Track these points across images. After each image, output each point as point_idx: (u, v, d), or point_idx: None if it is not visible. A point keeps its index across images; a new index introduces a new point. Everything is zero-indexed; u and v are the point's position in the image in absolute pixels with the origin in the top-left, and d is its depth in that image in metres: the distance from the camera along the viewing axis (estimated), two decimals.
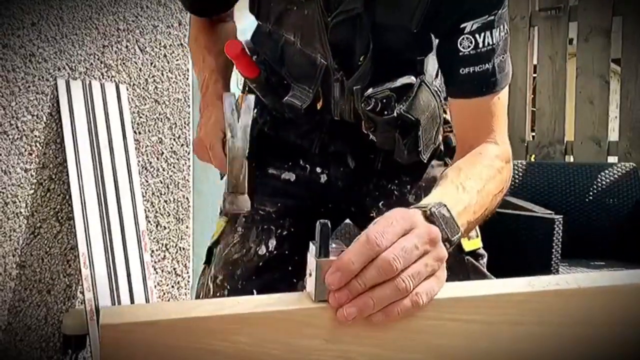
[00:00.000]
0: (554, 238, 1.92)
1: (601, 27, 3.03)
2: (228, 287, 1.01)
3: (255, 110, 1.08)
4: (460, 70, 0.87)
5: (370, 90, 0.91)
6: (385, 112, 0.91)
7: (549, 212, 2.04)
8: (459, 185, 0.75)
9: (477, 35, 0.85)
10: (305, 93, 0.96)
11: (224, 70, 1.01)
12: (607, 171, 2.56)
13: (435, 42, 0.91)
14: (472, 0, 0.85)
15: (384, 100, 0.91)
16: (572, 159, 3.13)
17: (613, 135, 3.16)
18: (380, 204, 1.04)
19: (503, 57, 0.88)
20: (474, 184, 0.77)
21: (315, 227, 0.57)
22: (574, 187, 2.53)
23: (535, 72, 3.34)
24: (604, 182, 2.53)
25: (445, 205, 0.65)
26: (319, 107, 0.98)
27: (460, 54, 0.86)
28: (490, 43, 0.85)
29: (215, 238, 1.09)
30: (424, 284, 0.57)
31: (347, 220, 1.18)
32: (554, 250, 1.92)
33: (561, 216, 1.95)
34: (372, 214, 1.04)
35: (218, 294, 1.01)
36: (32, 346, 1.89)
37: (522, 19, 3.21)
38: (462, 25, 0.85)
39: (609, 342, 0.63)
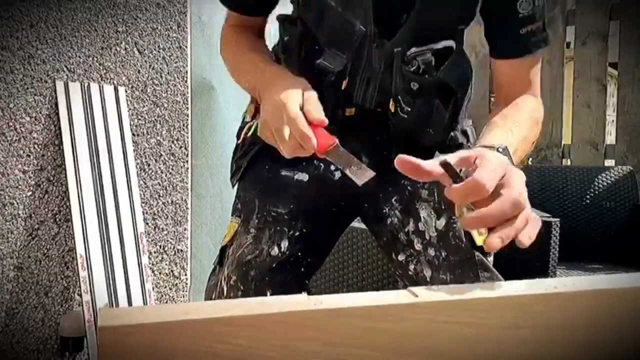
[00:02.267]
0: (551, 241, 1.92)
1: (598, 31, 3.04)
2: (242, 288, 1.01)
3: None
4: (521, 31, 0.93)
5: (413, 50, 0.93)
6: (426, 75, 0.94)
7: (546, 215, 2.04)
8: (508, 130, 0.85)
9: None
10: (339, 58, 0.96)
11: (275, 63, 1.00)
12: (604, 174, 2.56)
13: (478, 8, 0.95)
14: None
15: (424, 65, 0.93)
16: (569, 162, 3.14)
17: (610, 139, 3.17)
18: (393, 199, 1.05)
19: (553, 12, 0.94)
20: (520, 131, 0.86)
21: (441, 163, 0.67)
22: (571, 191, 2.54)
23: None
24: (601, 186, 2.53)
25: (508, 149, 0.77)
26: (343, 86, 0.97)
27: (520, 15, 0.92)
28: (543, 0, 0.92)
29: (228, 238, 1.08)
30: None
31: (357, 224, 1.18)
32: (551, 253, 1.92)
33: (558, 219, 1.95)
34: (384, 210, 1.05)
35: (232, 295, 1.01)
36: (29, 348, 1.89)
37: None
38: None
39: (609, 345, 0.63)
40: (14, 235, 1.84)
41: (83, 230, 1.87)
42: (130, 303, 1.92)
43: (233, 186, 1.14)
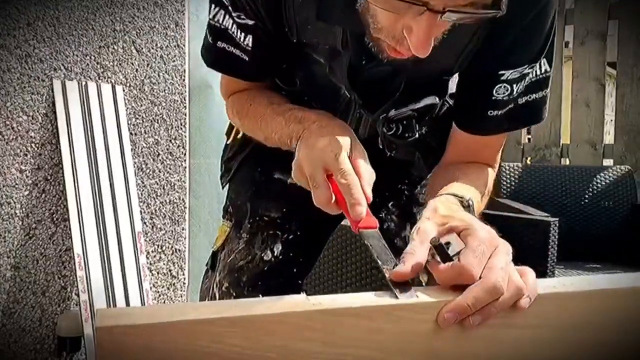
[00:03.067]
0: (550, 241, 1.92)
1: (597, 30, 3.04)
2: (234, 294, 1.00)
3: None
4: (489, 112, 0.86)
5: (392, 112, 0.90)
6: (407, 135, 0.92)
7: (545, 214, 2.04)
8: (469, 188, 0.81)
9: (513, 85, 0.84)
10: None
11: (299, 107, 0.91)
12: (602, 174, 2.57)
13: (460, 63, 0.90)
14: (519, 52, 0.83)
15: (405, 122, 0.91)
16: (568, 162, 3.14)
17: (608, 139, 3.17)
18: (390, 204, 1.03)
19: (530, 98, 0.87)
20: (476, 195, 0.83)
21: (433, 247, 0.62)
22: (569, 190, 2.54)
23: None
24: (599, 185, 2.54)
25: (474, 204, 0.75)
26: None
27: (493, 98, 0.85)
28: (522, 89, 0.85)
29: (219, 243, 1.07)
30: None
31: (344, 222, 1.17)
32: (549, 253, 1.92)
33: (557, 219, 1.95)
34: (381, 215, 1.02)
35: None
36: (27, 348, 1.88)
37: None
38: (500, 72, 0.83)
39: (607, 345, 0.63)
40: (11, 235, 1.83)
41: (80, 230, 1.87)
42: (127, 303, 1.92)
43: (223, 187, 1.12)
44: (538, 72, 0.86)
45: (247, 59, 0.89)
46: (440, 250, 0.62)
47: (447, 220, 0.66)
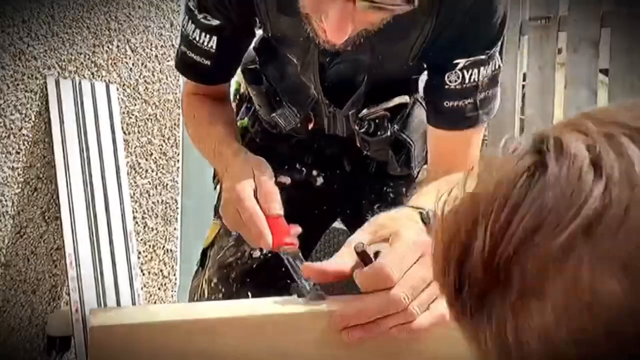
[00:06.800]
0: None
1: (590, 37, 3.06)
2: (223, 290, 1.01)
3: (247, 120, 1.09)
4: (445, 103, 0.87)
5: (364, 112, 0.93)
6: (379, 133, 0.94)
7: None
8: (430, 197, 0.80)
9: (464, 72, 0.84)
10: (292, 115, 0.97)
11: (233, 134, 0.95)
12: None
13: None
14: (469, 40, 0.84)
15: (377, 121, 0.93)
16: None
17: None
18: (375, 206, 1.05)
19: (488, 93, 0.88)
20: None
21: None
22: None
23: (524, 80, 3.37)
24: None
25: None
26: (310, 127, 0.98)
27: (446, 87, 0.86)
28: (475, 80, 0.85)
29: (209, 240, 1.09)
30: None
31: (337, 224, 1.18)
32: None
33: None
34: (367, 217, 1.05)
35: (213, 297, 1.01)
36: (16, 347, 1.87)
37: (512, 27, 3.23)
38: (455, 61, 0.84)
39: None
40: (2, 233, 1.82)
41: (72, 229, 1.86)
42: (118, 303, 1.91)
43: (215, 187, 1.14)
44: (494, 68, 0.86)
45: (208, 63, 0.92)
46: (363, 256, 0.58)
47: (379, 228, 0.64)
